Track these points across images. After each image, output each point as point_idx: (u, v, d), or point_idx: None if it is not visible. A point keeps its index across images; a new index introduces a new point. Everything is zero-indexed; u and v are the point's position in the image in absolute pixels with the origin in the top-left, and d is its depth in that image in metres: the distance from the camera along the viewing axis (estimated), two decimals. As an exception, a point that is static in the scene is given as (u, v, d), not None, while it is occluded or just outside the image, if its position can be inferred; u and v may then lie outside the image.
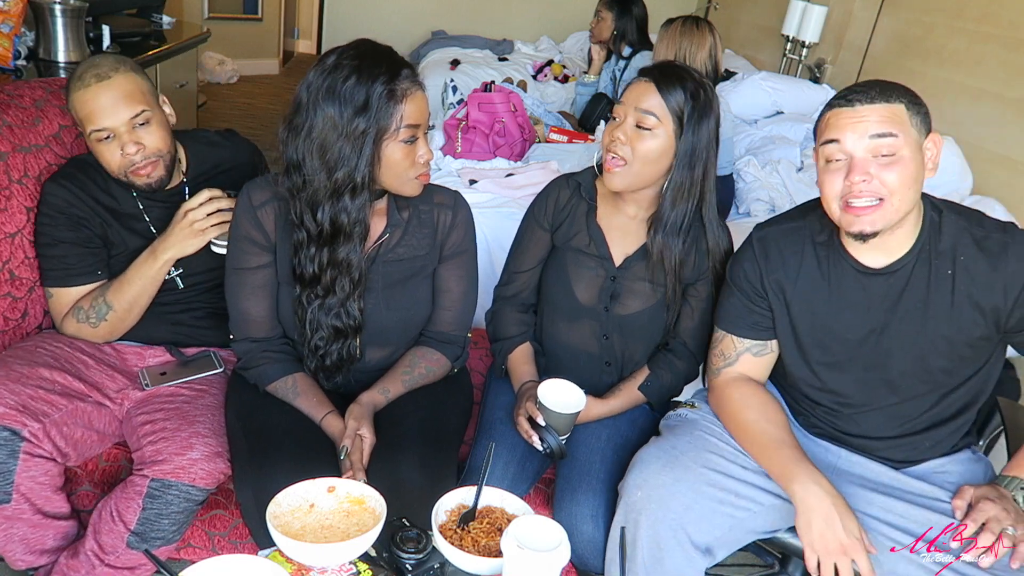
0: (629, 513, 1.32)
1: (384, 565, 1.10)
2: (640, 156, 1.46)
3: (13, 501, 1.37)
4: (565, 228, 1.61)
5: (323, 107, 1.31)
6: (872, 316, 1.34)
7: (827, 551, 1.23)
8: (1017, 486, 1.29)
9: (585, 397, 1.47)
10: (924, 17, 3.14)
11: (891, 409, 1.38)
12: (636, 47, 3.58)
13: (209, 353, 1.68)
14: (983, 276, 1.27)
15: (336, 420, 1.43)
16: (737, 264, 1.45)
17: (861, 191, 1.22)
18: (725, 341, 1.47)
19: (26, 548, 1.43)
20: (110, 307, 1.54)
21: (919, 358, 1.33)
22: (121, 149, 1.48)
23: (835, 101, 1.27)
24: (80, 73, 1.48)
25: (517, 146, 3.15)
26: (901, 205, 1.23)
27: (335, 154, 1.32)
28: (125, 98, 1.47)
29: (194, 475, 1.38)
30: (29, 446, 1.35)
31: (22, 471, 1.35)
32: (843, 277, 1.35)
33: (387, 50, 1.37)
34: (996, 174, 2.69)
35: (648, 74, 1.49)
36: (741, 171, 2.99)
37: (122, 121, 1.46)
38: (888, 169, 1.21)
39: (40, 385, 1.41)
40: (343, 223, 1.37)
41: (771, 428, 1.37)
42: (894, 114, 1.22)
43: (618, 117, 1.50)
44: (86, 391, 1.48)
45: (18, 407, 1.35)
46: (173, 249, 1.54)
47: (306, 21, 7.31)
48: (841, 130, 1.24)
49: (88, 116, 1.46)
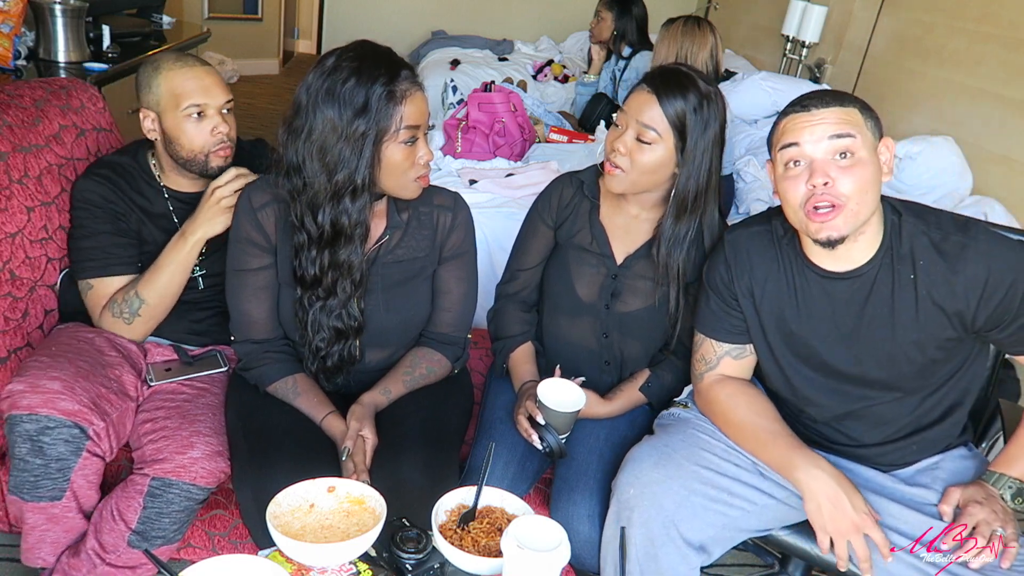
0: (621, 511, 1.32)
1: (384, 565, 1.10)
2: (638, 167, 1.47)
3: (64, 498, 1.37)
4: (568, 225, 1.62)
5: (323, 109, 1.31)
6: (839, 322, 1.33)
7: (839, 531, 1.24)
8: (1005, 484, 1.29)
9: (584, 396, 1.47)
10: (924, 17, 3.14)
11: (870, 416, 1.38)
12: (636, 47, 3.58)
13: (215, 352, 1.69)
14: (942, 280, 1.26)
15: (337, 420, 1.43)
16: (711, 267, 1.45)
17: (824, 195, 1.21)
18: (705, 345, 1.47)
19: (52, 549, 1.42)
20: (143, 300, 1.55)
21: (890, 363, 1.32)
22: (212, 128, 1.55)
23: (789, 108, 1.27)
24: (176, 57, 1.56)
25: (517, 146, 3.15)
26: (861, 208, 1.22)
27: (335, 156, 1.32)
28: (221, 84, 1.58)
29: (195, 474, 1.38)
30: (92, 444, 1.36)
31: (79, 469, 1.36)
32: (807, 282, 1.34)
33: (386, 51, 1.37)
34: (996, 174, 2.69)
35: (651, 83, 1.47)
36: (741, 171, 2.99)
37: (218, 103, 1.55)
38: (847, 172, 1.21)
39: (102, 383, 1.42)
40: (344, 225, 1.37)
41: (762, 421, 1.37)
42: (850, 116, 1.23)
43: (620, 125, 1.49)
44: (132, 390, 1.49)
45: (89, 404, 1.35)
46: (203, 228, 1.55)
47: (306, 21, 7.31)
48: (799, 133, 1.24)
49: (188, 92, 1.52)
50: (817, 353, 1.36)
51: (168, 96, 1.53)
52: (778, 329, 1.38)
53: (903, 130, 3.00)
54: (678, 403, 1.54)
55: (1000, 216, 2.51)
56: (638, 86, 1.49)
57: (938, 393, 1.36)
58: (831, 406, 1.39)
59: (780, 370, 1.41)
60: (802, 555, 1.43)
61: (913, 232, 1.28)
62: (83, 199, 1.57)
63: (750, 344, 1.44)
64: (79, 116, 1.76)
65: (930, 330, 1.29)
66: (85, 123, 1.77)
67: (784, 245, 1.37)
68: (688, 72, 1.49)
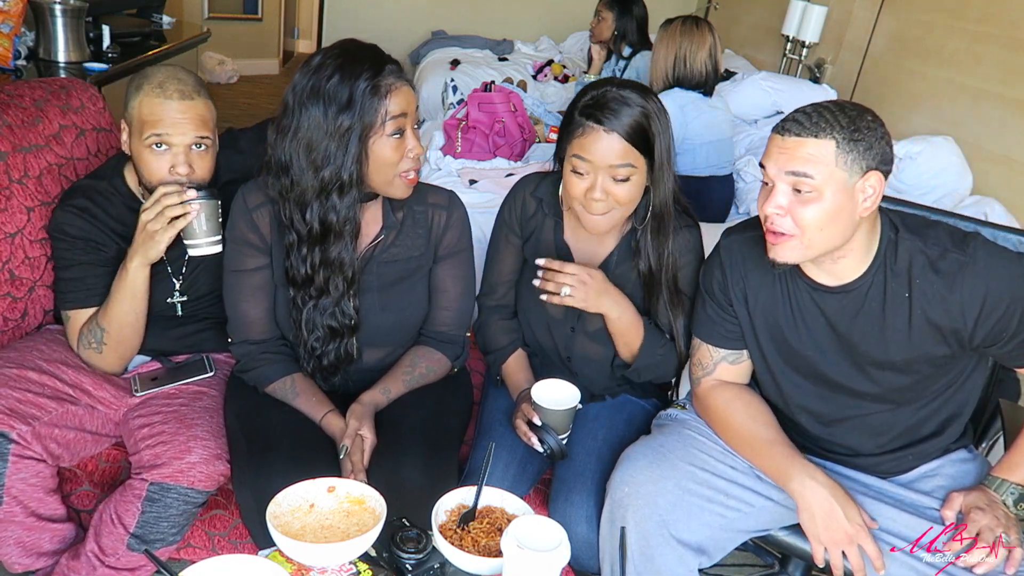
0: (616, 510, 1.32)
1: (384, 565, 1.10)
2: (623, 203, 1.42)
3: (4, 503, 1.37)
4: (533, 242, 1.60)
5: (308, 107, 1.31)
6: (831, 333, 1.32)
7: (833, 542, 1.25)
8: (1007, 490, 1.28)
9: (579, 392, 1.47)
10: (924, 17, 3.14)
11: (863, 426, 1.37)
12: (636, 47, 3.59)
13: (200, 356, 1.66)
14: (939, 299, 1.23)
15: (336, 419, 1.43)
16: (708, 272, 1.44)
17: (773, 221, 1.21)
18: (702, 350, 1.46)
19: (22, 551, 1.43)
20: (102, 329, 1.50)
21: (881, 377, 1.31)
22: (172, 165, 1.44)
23: (778, 123, 1.23)
24: (161, 80, 1.43)
25: (517, 146, 3.15)
26: (816, 243, 1.20)
27: (321, 152, 1.32)
28: (199, 120, 1.45)
29: (193, 478, 1.38)
30: (18, 448, 1.35)
31: (12, 473, 1.35)
32: (799, 292, 1.33)
33: (371, 48, 1.37)
34: (996, 174, 2.69)
35: (602, 122, 1.36)
36: (741, 171, 2.99)
37: (185, 140, 1.44)
38: (804, 206, 1.18)
39: (28, 388, 1.41)
40: (332, 222, 1.37)
41: (759, 429, 1.37)
42: (819, 153, 1.16)
43: (584, 172, 1.39)
44: (76, 395, 1.47)
45: (5, 410, 1.35)
46: (137, 256, 1.45)
47: (306, 21, 7.32)
48: (768, 156, 1.22)
49: (153, 121, 1.42)
50: (809, 362, 1.35)
51: (138, 119, 1.44)
52: (771, 336, 1.38)
53: (903, 130, 3.00)
54: (676, 404, 1.54)
55: (1000, 216, 2.51)
56: (588, 130, 1.38)
57: (934, 403, 1.35)
58: (823, 415, 1.39)
59: (772, 377, 1.41)
60: (802, 555, 1.43)
61: (910, 249, 1.25)
62: (59, 231, 1.51)
63: (746, 349, 1.44)
64: (79, 116, 1.76)
65: (923, 348, 1.27)
66: (85, 123, 1.77)
67: None
68: (620, 89, 1.40)
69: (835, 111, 1.18)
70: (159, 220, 1.40)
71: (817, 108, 1.20)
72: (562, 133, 1.47)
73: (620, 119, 1.37)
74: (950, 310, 1.23)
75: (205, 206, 1.42)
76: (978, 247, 1.22)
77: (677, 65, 2.72)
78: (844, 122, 1.17)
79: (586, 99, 1.41)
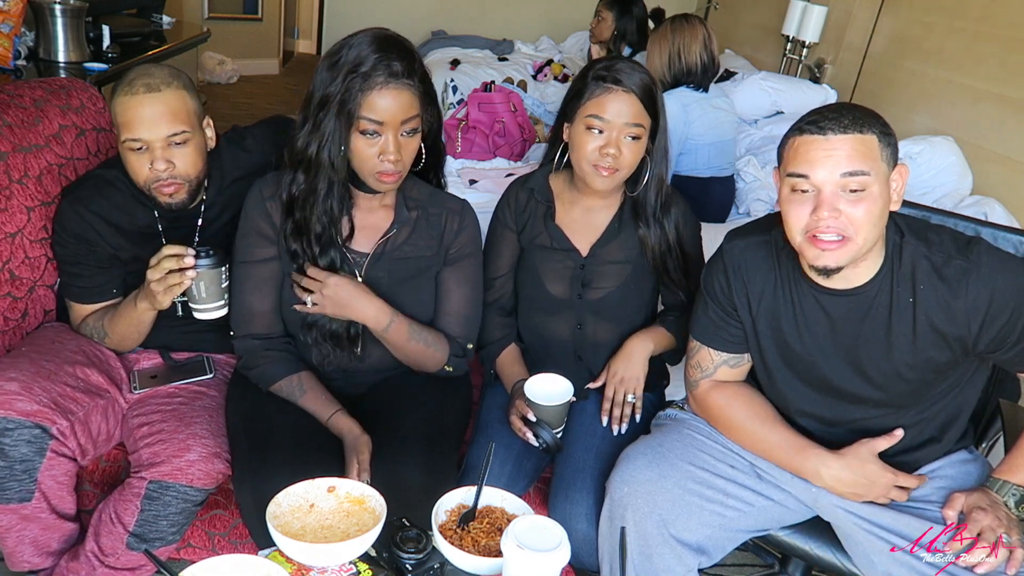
0: (615, 509, 1.32)
1: (384, 565, 1.10)
2: (630, 163, 1.50)
3: (34, 499, 1.37)
4: (528, 231, 1.64)
5: (320, 70, 1.36)
6: (836, 338, 1.31)
7: (876, 497, 1.31)
8: (1009, 491, 1.28)
9: (572, 386, 1.48)
10: (924, 17, 3.14)
11: (865, 431, 1.36)
12: (636, 47, 3.58)
13: (201, 357, 1.66)
14: (943, 305, 1.22)
15: (344, 418, 1.43)
16: (710, 275, 1.43)
17: (828, 227, 1.17)
18: (701, 353, 1.45)
19: (34, 549, 1.43)
20: (106, 333, 1.55)
21: (885, 382, 1.31)
22: (151, 163, 1.42)
23: (805, 126, 1.18)
24: (131, 79, 1.42)
25: (517, 146, 3.15)
26: (866, 242, 1.19)
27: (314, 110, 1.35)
28: (169, 114, 1.41)
29: (192, 476, 1.38)
30: (56, 444, 1.35)
31: (46, 469, 1.35)
32: (805, 296, 1.32)
33: (402, 44, 1.38)
34: (996, 174, 2.69)
35: (620, 82, 1.46)
36: (741, 171, 2.99)
37: (159, 137, 1.41)
38: (856, 206, 1.16)
39: (67, 382, 1.41)
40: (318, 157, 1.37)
41: (760, 428, 1.37)
42: (867, 148, 1.16)
43: (601, 131, 1.47)
44: (104, 386, 1.49)
45: (50, 404, 1.35)
46: (146, 302, 1.46)
47: (306, 21, 7.31)
48: (811, 165, 1.17)
49: (126, 124, 1.40)
50: (812, 367, 1.35)
51: (115, 122, 1.43)
52: (774, 341, 1.37)
53: (903, 130, 2.99)
54: (675, 404, 1.54)
55: (1000, 216, 2.51)
56: (605, 91, 1.47)
57: (934, 407, 1.35)
58: (824, 419, 1.39)
59: (772, 381, 1.40)
60: (802, 555, 1.43)
61: (914, 254, 1.24)
62: (62, 227, 1.52)
63: (748, 353, 1.43)
64: (79, 116, 1.76)
65: (927, 354, 1.27)
66: (85, 123, 1.77)
67: (783, 258, 1.34)
68: (627, 62, 1.52)
69: (854, 107, 1.20)
70: (161, 283, 1.39)
71: (838, 107, 1.20)
72: (569, 100, 1.54)
73: (634, 80, 1.47)
74: (954, 317, 1.23)
75: (205, 274, 1.40)
76: (982, 253, 1.22)
77: (672, 62, 2.70)
78: (873, 117, 1.18)
79: (599, 67, 1.50)
